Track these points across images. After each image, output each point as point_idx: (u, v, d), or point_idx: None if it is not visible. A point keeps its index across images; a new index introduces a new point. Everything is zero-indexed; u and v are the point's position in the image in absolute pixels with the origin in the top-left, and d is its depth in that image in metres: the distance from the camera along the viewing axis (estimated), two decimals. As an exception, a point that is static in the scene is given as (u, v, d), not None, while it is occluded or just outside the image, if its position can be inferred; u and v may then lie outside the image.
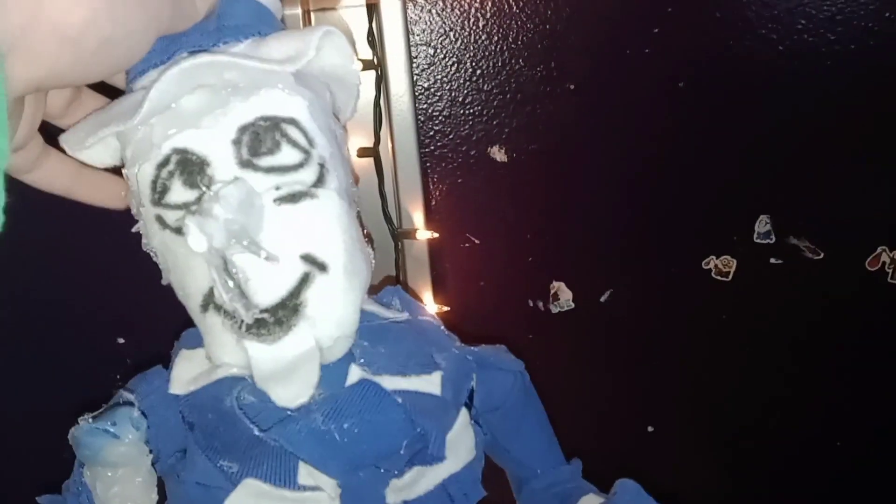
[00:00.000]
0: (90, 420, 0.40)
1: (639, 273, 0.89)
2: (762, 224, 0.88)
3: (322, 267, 0.41)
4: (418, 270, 0.81)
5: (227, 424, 0.42)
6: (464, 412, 0.46)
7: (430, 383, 0.45)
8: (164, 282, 0.43)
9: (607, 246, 0.88)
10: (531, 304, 0.89)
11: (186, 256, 0.40)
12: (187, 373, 0.45)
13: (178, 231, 0.40)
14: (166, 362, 0.47)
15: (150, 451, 0.41)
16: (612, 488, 0.47)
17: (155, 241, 0.42)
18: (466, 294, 0.86)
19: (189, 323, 0.43)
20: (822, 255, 0.88)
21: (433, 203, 0.84)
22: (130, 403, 0.42)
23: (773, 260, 0.88)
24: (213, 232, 0.37)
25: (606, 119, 0.84)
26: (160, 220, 0.40)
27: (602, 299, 0.89)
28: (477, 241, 0.86)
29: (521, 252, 0.87)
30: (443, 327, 0.49)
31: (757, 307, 0.90)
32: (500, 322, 0.87)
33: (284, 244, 0.39)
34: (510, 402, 0.50)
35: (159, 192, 0.40)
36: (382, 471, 0.43)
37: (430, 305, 0.81)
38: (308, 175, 0.40)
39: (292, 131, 0.40)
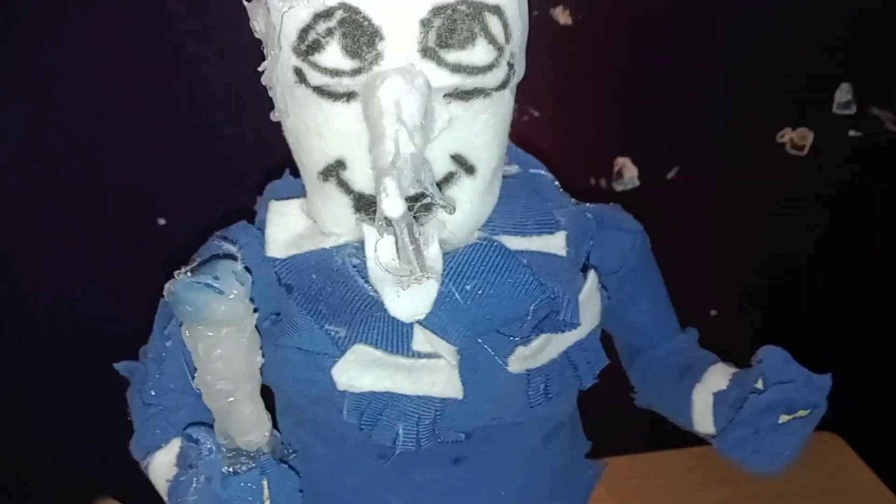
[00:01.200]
0: (189, 274, 0.34)
1: (708, 148, 0.83)
2: (843, 93, 0.82)
3: (470, 170, 0.36)
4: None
5: (337, 284, 0.38)
6: (592, 275, 0.42)
7: (554, 244, 0.41)
8: (273, 118, 0.38)
9: (675, 119, 0.82)
10: (593, 182, 0.83)
11: (320, 120, 0.35)
12: (285, 231, 0.40)
13: (321, 92, 0.34)
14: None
15: (256, 310, 0.36)
16: (755, 355, 0.42)
17: (282, 87, 0.36)
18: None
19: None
20: (904, 128, 0.83)
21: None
22: (232, 257, 0.37)
23: (852, 132, 0.83)
24: (406, 191, 0.32)
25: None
26: (298, 72, 0.34)
27: (669, 176, 0.83)
28: (536, 114, 0.80)
29: (583, 125, 0.82)
30: (556, 181, 0.44)
31: (834, 183, 0.84)
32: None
33: (437, 140, 0.34)
34: (629, 263, 0.46)
35: (308, 46, 0.33)
36: (508, 338, 0.39)
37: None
38: (495, 78, 0.35)
39: (493, 23, 0.34)
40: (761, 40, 0.79)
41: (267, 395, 0.40)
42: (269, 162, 0.44)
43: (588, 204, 0.45)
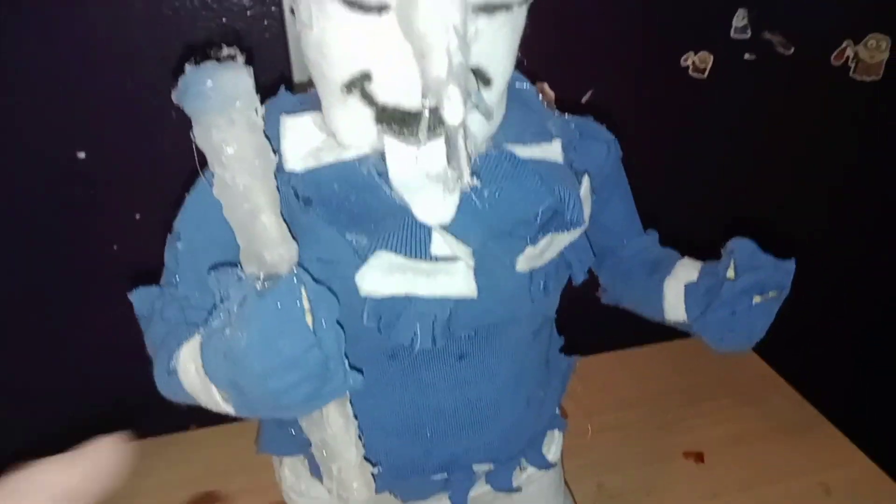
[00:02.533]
0: (194, 67, 0.34)
1: (619, 71, 0.88)
2: (739, 18, 0.88)
3: (487, 82, 0.38)
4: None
5: (361, 193, 0.40)
6: (586, 179, 0.45)
7: (552, 151, 0.44)
8: (298, 28, 0.38)
9: (588, 45, 0.86)
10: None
11: (349, 32, 0.36)
12: (302, 145, 0.41)
13: (352, 5, 0.35)
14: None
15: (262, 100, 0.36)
16: (724, 246, 0.47)
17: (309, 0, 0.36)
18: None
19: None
20: (791, 50, 0.90)
21: None
22: (232, 58, 0.35)
23: (747, 56, 0.89)
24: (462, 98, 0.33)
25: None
26: None
27: (583, 100, 0.88)
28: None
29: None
30: (540, 94, 0.47)
31: (731, 103, 0.91)
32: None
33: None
34: (605, 170, 0.49)
35: None
36: (518, 239, 0.42)
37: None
38: None
39: None
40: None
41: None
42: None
43: (567, 115, 0.48)
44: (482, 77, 0.38)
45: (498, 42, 0.38)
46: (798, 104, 0.94)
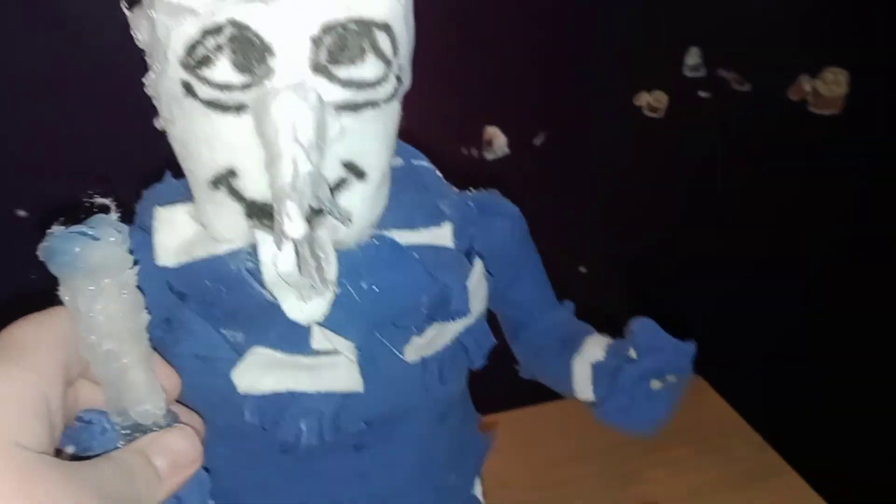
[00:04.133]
0: (62, 228, 0.33)
1: (572, 113, 0.86)
2: (692, 56, 0.86)
3: (360, 175, 0.37)
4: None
5: (232, 290, 0.38)
6: (479, 263, 0.44)
7: (442, 235, 0.42)
8: (158, 125, 0.37)
9: (539, 86, 0.85)
10: (465, 152, 0.85)
11: (209, 131, 0.35)
12: (174, 238, 0.39)
13: (211, 105, 0.34)
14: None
15: (135, 263, 0.35)
16: (627, 326, 0.45)
17: (169, 98, 0.35)
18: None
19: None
20: (748, 87, 0.88)
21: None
22: (105, 209, 0.35)
23: (702, 93, 0.88)
24: (306, 211, 0.32)
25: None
26: (187, 86, 0.34)
27: (536, 143, 0.86)
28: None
29: (451, 97, 0.83)
30: (437, 171, 0.45)
31: (689, 142, 0.90)
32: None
33: (329, 148, 0.35)
34: (510, 247, 0.48)
35: (197, 62, 0.33)
36: (403, 330, 0.41)
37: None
38: (385, 91, 0.35)
39: (382, 39, 0.34)
40: (616, 7, 0.82)
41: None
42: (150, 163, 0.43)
43: (468, 192, 0.47)
44: (355, 170, 0.37)
45: (368, 137, 0.36)
46: (757, 140, 0.92)
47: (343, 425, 0.41)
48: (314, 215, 0.35)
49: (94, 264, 0.32)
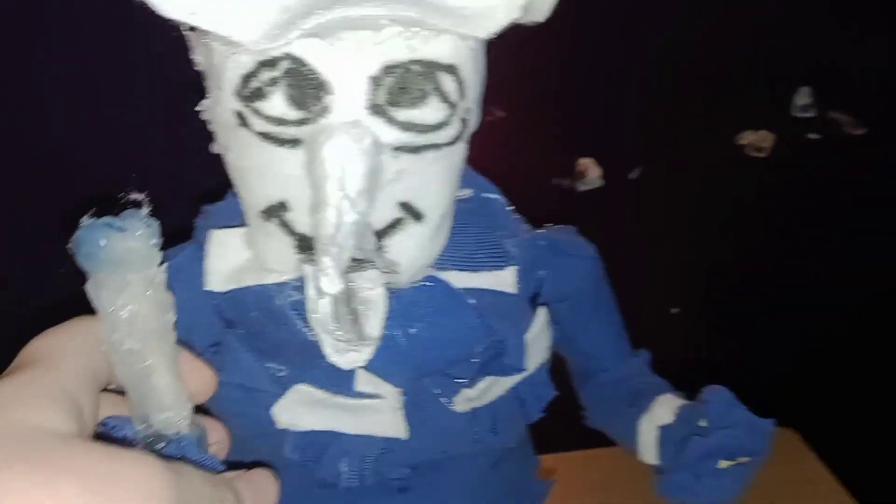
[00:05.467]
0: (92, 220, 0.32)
1: (671, 148, 0.83)
2: (802, 96, 0.82)
3: (418, 216, 0.35)
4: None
5: (277, 325, 0.37)
6: (542, 312, 0.42)
7: (504, 280, 0.40)
8: (214, 150, 0.36)
9: (638, 119, 0.81)
10: (556, 182, 0.83)
11: (262, 162, 0.34)
12: (225, 264, 0.38)
13: (265, 136, 0.33)
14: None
15: (163, 262, 0.33)
16: (700, 394, 0.42)
17: (221, 125, 0.34)
18: (488, 170, 0.80)
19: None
20: (863, 131, 0.83)
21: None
22: (137, 204, 0.34)
23: (811, 135, 0.83)
24: (345, 264, 0.31)
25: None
26: (240, 116, 0.33)
27: (631, 176, 0.83)
28: (501, 114, 0.79)
29: (547, 126, 0.81)
30: (509, 206, 0.43)
31: (794, 185, 0.84)
32: (523, 200, 0.81)
33: (385, 188, 0.33)
34: (583, 291, 0.45)
35: (251, 93, 0.32)
36: (452, 380, 0.39)
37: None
38: (447, 135, 0.33)
39: (447, 82, 0.32)
40: (723, 42, 0.79)
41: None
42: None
43: (541, 230, 0.44)
44: (412, 211, 0.35)
45: (427, 179, 0.34)
46: (869, 187, 0.86)
47: (385, 469, 0.40)
48: (358, 264, 0.33)
49: (118, 257, 0.31)
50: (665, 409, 0.44)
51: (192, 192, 0.44)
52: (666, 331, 0.90)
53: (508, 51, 0.73)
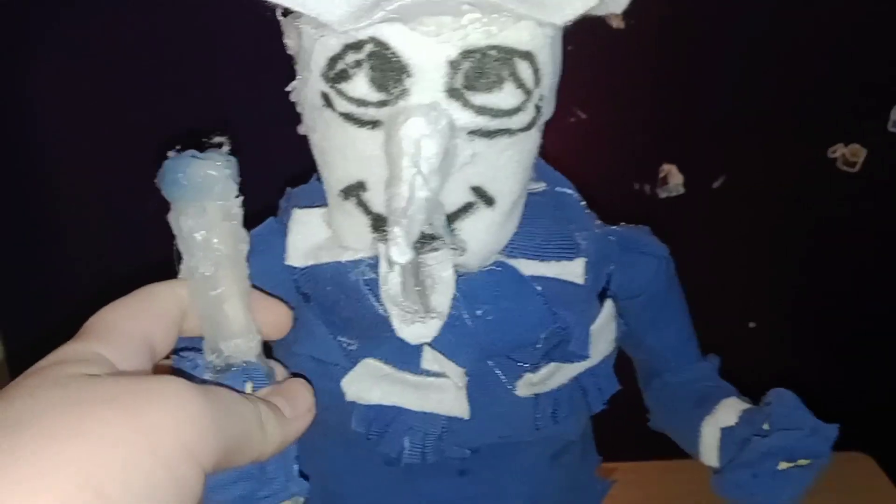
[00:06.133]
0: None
1: (757, 159, 0.81)
2: (900, 111, 0.79)
3: (489, 201, 0.36)
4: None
5: (350, 300, 0.39)
6: (609, 304, 0.42)
7: (572, 270, 0.40)
8: (300, 131, 0.38)
9: (724, 127, 0.81)
10: (637, 187, 0.82)
11: (345, 142, 0.35)
12: (305, 241, 0.40)
13: (347, 118, 0.34)
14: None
15: (240, 195, 0.35)
16: (765, 397, 0.42)
17: (310, 107, 0.36)
18: (570, 172, 0.80)
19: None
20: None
21: (539, 72, 0.77)
22: (220, 145, 0.36)
23: (907, 151, 0.81)
24: (415, 237, 0.33)
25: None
26: (326, 97, 0.35)
27: (715, 185, 0.82)
28: (584, 116, 0.80)
29: (631, 130, 0.81)
30: (582, 201, 0.44)
31: (884, 202, 0.82)
32: (604, 204, 0.81)
33: (458, 171, 0.34)
34: (652, 289, 0.45)
35: (336, 74, 0.34)
36: (516, 364, 0.39)
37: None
38: (521, 120, 0.34)
39: (523, 68, 0.33)
40: (818, 53, 0.77)
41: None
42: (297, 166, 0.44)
43: (614, 226, 0.45)
44: (484, 196, 0.36)
45: (501, 164, 0.35)
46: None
47: (447, 449, 0.41)
48: (428, 241, 0.34)
49: (198, 184, 0.34)
50: (729, 411, 0.44)
51: (281, 174, 0.46)
52: (743, 344, 0.89)
53: (594, 52, 0.74)
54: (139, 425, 0.25)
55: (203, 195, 0.34)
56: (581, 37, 0.38)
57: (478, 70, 0.33)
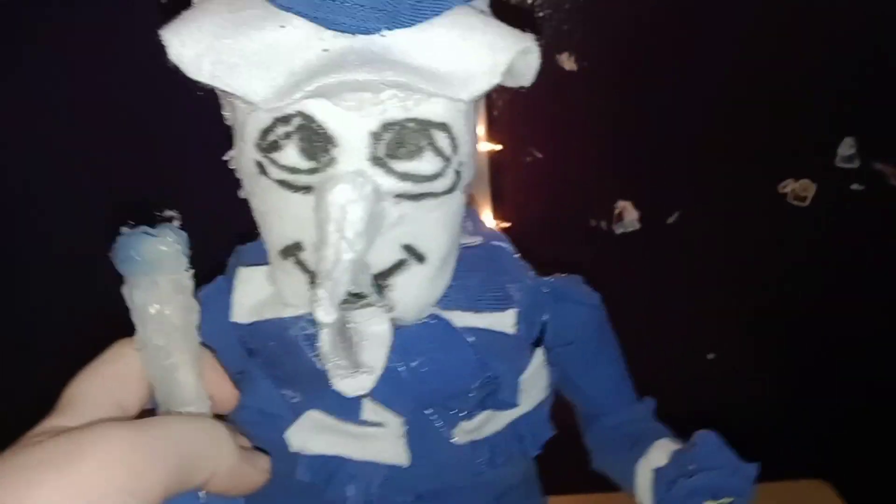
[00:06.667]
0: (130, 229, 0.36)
1: (709, 194, 0.84)
2: (846, 146, 0.82)
3: (420, 258, 0.38)
4: (478, 184, 0.77)
5: (290, 354, 0.40)
6: (539, 353, 0.44)
7: (504, 321, 0.42)
8: (241, 195, 0.40)
9: (677, 164, 0.83)
10: (593, 224, 0.85)
11: (280, 206, 0.37)
12: (249, 298, 0.42)
13: (281, 183, 0.36)
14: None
15: (192, 271, 0.36)
16: (690, 438, 0.44)
17: (245, 173, 0.38)
18: (527, 210, 0.82)
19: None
20: (907, 182, 0.83)
21: (495, 113, 0.80)
22: (170, 219, 0.36)
23: (855, 186, 0.83)
24: (340, 297, 0.34)
25: (682, 29, 0.78)
26: (260, 165, 0.37)
27: (669, 221, 0.84)
28: (540, 155, 0.82)
29: (586, 168, 0.83)
30: (516, 253, 0.46)
31: (835, 235, 0.85)
32: (560, 241, 0.83)
33: (389, 231, 0.37)
34: (585, 336, 0.47)
35: (268, 145, 0.36)
36: (451, 412, 0.41)
37: (489, 221, 0.77)
38: (442, 184, 0.37)
39: (441, 138, 0.36)
40: (768, 91, 0.80)
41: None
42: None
43: (547, 277, 0.46)
44: (414, 253, 0.38)
45: (428, 224, 0.37)
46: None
47: (390, 496, 0.42)
48: (356, 300, 0.36)
49: (150, 260, 0.35)
50: (661, 452, 0.45)
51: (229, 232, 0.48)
52: (702, 376, 0.91)
53: (549, 93, 0.77)
54: (71, 481, 0.26)
55: (155, 270, 0.35)
56: (536, 78, 0.40)
57: (398, 140, 0.35)
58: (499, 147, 0.76)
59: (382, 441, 0.41)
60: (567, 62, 0.79)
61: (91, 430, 0.29)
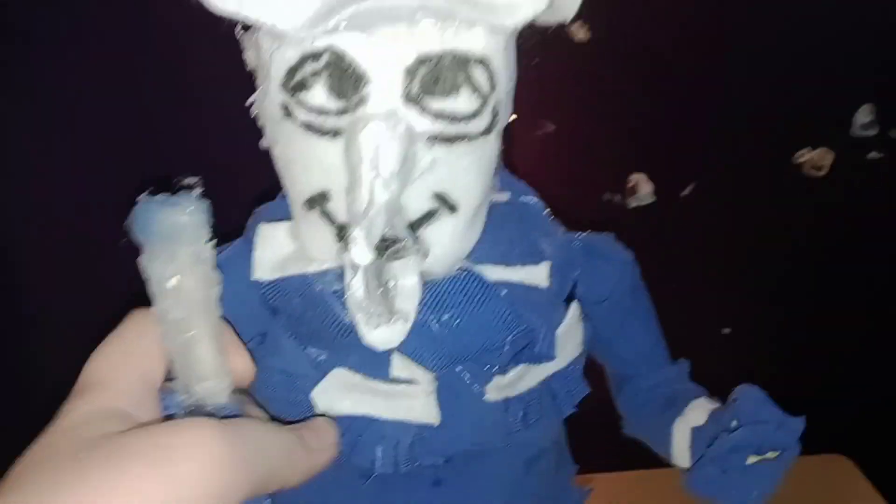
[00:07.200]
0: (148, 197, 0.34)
1: (724, 165, 0.82)
2: (864, 114, 0.80)
3: (452, 208, 0.36)
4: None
5: (316, 310, 0.39)
6: (574, 306, 0.43)
7: (537, 275, 0.41)
8: (262, 146, 0.38)
9: (692, 136, 0.81)
10: (607, 197, 0.83)
11: (306, 153, 0.36)
12: (271, 255, 0.41)
13: (307, 128, 0.35)
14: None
15: (213, 239, 0.35)
16: (731, 394, 0.42)
17: (270, 120, 0.36)
18: (538, 183, 0.80)
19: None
20: (925, 150, 0.81)
21: (506, 85, 0.78)
22: (191, 188, 0.35)
23: (872, 154, 0.82)
24: (376, 239, 0.33)
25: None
26: (285, 108, 0.35)
27: (684, 193, 0.83)
28: (552, 127, 0.80)
29: (599, 141, 0.81)
30: (546, 209, 0.44)
31: (852, 205, 0.83)
32: (573, 215, 0.82)
33: (420, 179, 0.35)
34: (617, 294, 0.46)
35: (295, 85, 0.34)
36: (484, 367, 0.40)
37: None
38: (478, 125, 0.35)
39: (479, 73, 0.34)
40: (783, 59, 0.78)
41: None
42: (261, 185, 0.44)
43: (578, 233, 0.45)
44: (446, 202, 0.36)
45: (460, 171, 0.36)
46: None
47: (419, 457, 0.41)
48: (390, 245, 0.35)
49: (169, 230, 0.34)
50: (699, 412, 0.44)
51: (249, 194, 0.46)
52: (718, 351, 0.89)
53: (561, 64, 0.75)
54: (167, 477, 0.26)
55: (174, 241, 0.34)
56: (547, 49, 0.39)
57: (434, 76, 0.33)
58: (513, 116, 0.75)
59: (412, 399, 0.39)
60: (579, 32, 0.77)
61: (187, 428, 0.29)
